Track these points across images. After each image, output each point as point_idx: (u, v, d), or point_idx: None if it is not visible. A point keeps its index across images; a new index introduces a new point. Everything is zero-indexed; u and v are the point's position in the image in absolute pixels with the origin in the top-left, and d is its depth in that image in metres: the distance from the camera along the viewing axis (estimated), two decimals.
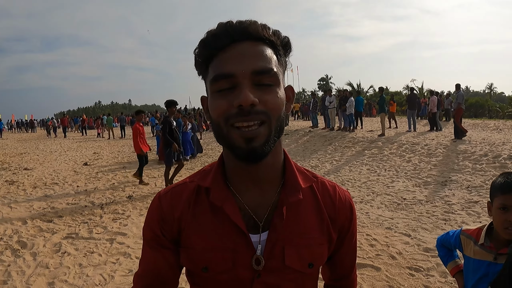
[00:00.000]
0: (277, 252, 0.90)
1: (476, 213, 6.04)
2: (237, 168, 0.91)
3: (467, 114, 31.59)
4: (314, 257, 0.94)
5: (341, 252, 1.04)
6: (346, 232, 1.01)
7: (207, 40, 0.84)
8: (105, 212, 6.89)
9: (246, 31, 0.82)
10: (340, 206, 0.99)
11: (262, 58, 0.82)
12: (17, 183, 10.07)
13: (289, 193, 0.92)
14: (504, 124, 17.55)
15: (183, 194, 0.95)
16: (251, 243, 0.89)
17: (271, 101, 0.81)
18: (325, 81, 73.20)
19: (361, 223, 5.76)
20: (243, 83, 0.79)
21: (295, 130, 19.00)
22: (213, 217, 0.91)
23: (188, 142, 13.87)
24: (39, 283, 4.11)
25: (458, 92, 13.27)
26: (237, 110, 0.79)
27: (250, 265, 0.89)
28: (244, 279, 0.90)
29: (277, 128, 0.84)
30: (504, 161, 8.83)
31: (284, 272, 0.91)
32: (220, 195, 0.90)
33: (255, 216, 0.91)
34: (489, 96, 62.23)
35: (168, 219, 0.94)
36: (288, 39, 0.90)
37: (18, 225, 6.20)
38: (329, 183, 1.02)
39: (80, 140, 26.68)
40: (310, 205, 0.95)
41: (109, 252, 4.95)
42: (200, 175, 0.98)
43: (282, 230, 0.90)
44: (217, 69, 0.82)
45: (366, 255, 4.59)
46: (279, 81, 0.84)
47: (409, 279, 3.99)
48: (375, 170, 10.11)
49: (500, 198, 1.63)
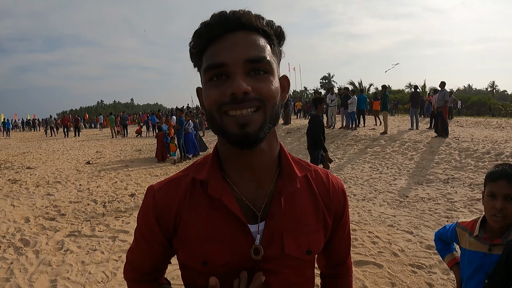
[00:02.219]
0: (276, 240, 0.90)
1: (479, 210, 6.02)
2: (233, 156, 0.91)
3: (469, 112, 31.52)
4: (312, 244, 0.95)
5: (336, 238, 1.05)
6: (340, 217, 1.02)
7: (200, 30, 0.84)
8: (108, 210, 6.91)
9: (239, 21, 0.82)
10: (334, 192, 1.00)
11: (255, 47, 0.82)
12: (20, 181, 10.09)
13: (286, 182, 0.92)
14: (507, 122, 17.51)
15: (178, 188, 0.95)
16: (250, 233, 0.89)
17: (265, 89, 0.81)
18: (327, 80, 73.21)
19: (364, 221, 5.76)
20: (236, 72, 0.79)
21: (298, 128, 18.97)
22: (210, 209, 0.91)
23: (191, 141, 13.88)
24: (41, 280, 4.12)
25: (444, 90, 13.36)
26: (230, 98, 0.79)
27: (249, 255, 0.88)
28: (244, 270, 0.90)
29: (272, 116, 0.84)
30: (507, 158, 8.82)
31: (283, 260, 0.91)
32: (218, 187, 0.90)
33: (253, 207, 0.91)
34: (491, 94, 62.10)
35: (163, 214, 0.93)
36: (281, 29, 0.90)
37: (21, 223, 6.22)
38: (322, 171, 1.03)
39: (83, 139, 26.71)
40: (305, 193, 0.96)
41: (111, 249, 4.96)
42: (195, 168, 0.97)
43: (280, 219, 0.91)
44: (210, 59, 0.82)
45: (369, 252, 4.59)
46: (273, 69, 0.84)
47: (411, 276, 3.98)
48: (377, 168, 10.09)
49: (489, 186, 1.73)
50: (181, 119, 13.43)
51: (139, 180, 10.01)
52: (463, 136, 12.27)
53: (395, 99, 39.05)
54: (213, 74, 0.82)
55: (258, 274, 0.89)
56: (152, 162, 13.66)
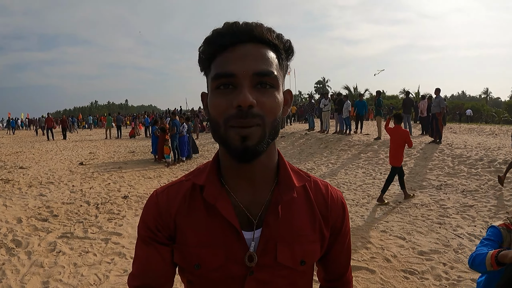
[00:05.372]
0: (270, 249, 0.91)
1: (471, 217, 6.07)
2: (232, 166, 0.92)
3: (463, 119, 31.69)
4: (306, 254, 0.95)
5: (334, 251, 1.05)
6: (338, 230, 1.03)
7: (212, 38, 0.86)
8: (100, 212, 6.88)
9: (251, 33, 0.84)
10: (332, 204, 1.01)
11: (264, 60, 0.84)
12: (13, 181, 10.02)
13: (283, 191, 0.94)
14: (500, 129, 17.65)
15: (179, 192, 0.97)
16: (244, 240, 0.91)
17: (268, 104, 0.83)
18: (322, 84, 73.44)
19: (356, 226, 5.78)
20: (243, 83, 0.81)
21: (291, 133, 19.02)
22: (206, 214, 0.93)
23: (185, 144, 13.87)
24: (33, 282, 4.10)
25: (439, 97, 13.48)
26: (236, 111, 0.80)
27: (243, 261, 0.90)
28: (237, 276, 0.91)
29: (272, 131, 0.85)
30: (500, 165, 8.88)
31: (276, 269, 0.93)
32: (214, 192, 0.92)
33: (249, 214, 0.92)
34: (485, 101, 62.46)
35: (164, 216, 0.95)
36: (291, 43, 0.92)
37: (13, 223, 6.18)
38: (322, 183, 1.04)
39: (76, 140, 26.57)
40: (302, 203, 0.97)
41: (104, 252, 4.94)
42: (195, 173, 0.99)
43: (275, 227, 0.92)
44: (220, 68, 0.83)
45: (361, 257, 4.61)
46: (279, 84, 0.86)
47: (403, 282, 4.00)
48: (370, 174, 10.14)
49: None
50: (175, 121, 13.40)
51: (132, 182, 9.99)
52: (456, 143, 12.34)
53: (390, 105, 39.22)
54: (221, 83, 0.83)
55: None
56: (146, 164, 13.63)
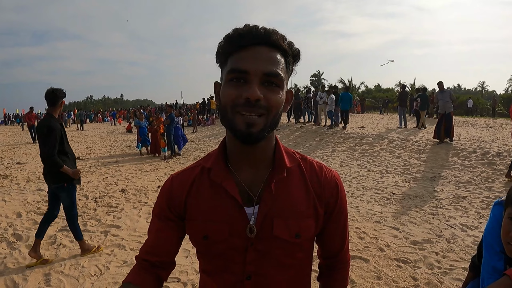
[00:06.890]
0: (267, 223, 1.05)
1: (464, 208, 6.19)
2: (237, 149, 1.07)
3: (458, 112, 31.84)
4: (301, 228, 1.07)
5: (329, 228, 1.17)
6: (332, 208, 1.14)
7: (233, 36, 0.99)
8: (99, 205, 6.96)
9: (267, 38, 0.98)
10: (326, 183, 1.13)
11: (274, 63, 0.98)
12: (10, 177, 10.08)
13: (276, 171, 1.08)
14: (494, 122, 17.78)
15: (191, 175, 1.14)
16: (245, 214, 1.05)
17: (273, 100, 0.98)
18: (317, 77, 73.38)
19: (351, 217, 5.88)
20: (254, 80, 0.95)
21: (287, 126, 19.10)
22: (213, 193, 1.08)
23: (180, 137, 13.93)
24: (35, 274, 4.18)
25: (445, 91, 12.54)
26: (244, 101, 0.94)
27: (245, 234, 1.05)
28: (239, 247, 1.06)
29: (273, 122, 1.00)
30: (493, 158, 9.01)
31: (273, 241, 1.06)
32: (220, 173, 1.08)
33: (250, 191, 1.07)
34: (480, 95, 62.63)
35: (176, 197, 1.12)
36: (299, 51, 1.07)
37: (13, 218, 6.26)
38: (317, 164, 1.17)
39: (73, 135, 26.55)
40: (297, 182, 1.11)
41: (103, 244, 5.03)
42: (205, 159, 1.16)
43: (271, 203, 1.06)
44: (236, 64, 0.97)
45: (355, 247, 4.71)
46: (283, 84, 1.01)
47: (396, 270, 4.11)
48: (365, 166, 10.24)
49: (509, 208, 1.53)
50: (171, 115, 13.43)
51: (130, 175, 10.06)
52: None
53: (386, 98, 39.31)
54: (234, 77, 0.97)
55: None
56: (142, 157, 13.67)
